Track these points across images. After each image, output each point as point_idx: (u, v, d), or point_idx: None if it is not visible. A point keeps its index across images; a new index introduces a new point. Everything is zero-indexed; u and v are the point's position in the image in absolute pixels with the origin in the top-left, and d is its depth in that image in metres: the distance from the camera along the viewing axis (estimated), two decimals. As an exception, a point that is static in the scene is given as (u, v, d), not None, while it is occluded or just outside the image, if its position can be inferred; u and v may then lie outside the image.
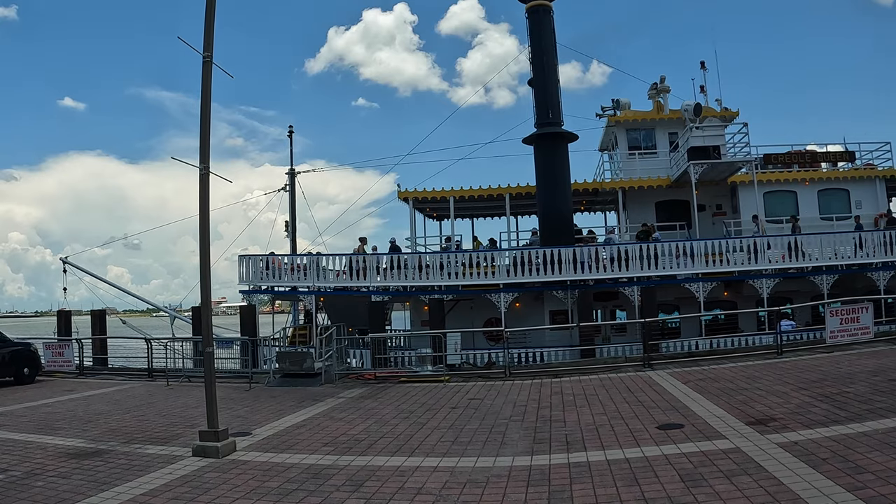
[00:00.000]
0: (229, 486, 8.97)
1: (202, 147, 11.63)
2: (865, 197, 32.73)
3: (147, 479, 9.48)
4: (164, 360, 22.58)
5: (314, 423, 13.50)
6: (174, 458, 10.76)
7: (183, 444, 11.60)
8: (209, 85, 11.62)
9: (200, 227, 11.71)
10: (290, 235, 42.22)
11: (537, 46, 31.96)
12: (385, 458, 10.21)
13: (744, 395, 13.17)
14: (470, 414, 13.57)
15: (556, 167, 30.83)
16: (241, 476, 9.50)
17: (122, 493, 8.78)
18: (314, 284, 28.62)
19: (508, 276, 27.97)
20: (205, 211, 11.71)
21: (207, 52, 11.47)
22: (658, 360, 19.67)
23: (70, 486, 9.22)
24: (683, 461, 8.92)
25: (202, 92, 11.64)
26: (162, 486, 9.07)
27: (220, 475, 9.58)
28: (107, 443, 12.06)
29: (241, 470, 9.86)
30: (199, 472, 9.83)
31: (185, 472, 9.84)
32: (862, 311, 19.15)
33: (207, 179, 11.57)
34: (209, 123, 11.76)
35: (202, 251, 11.73)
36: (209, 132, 11.73)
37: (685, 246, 27.95)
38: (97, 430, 13.28)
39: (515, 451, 10.20)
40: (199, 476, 9.58)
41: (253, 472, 9.68)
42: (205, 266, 11.84)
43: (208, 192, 11.66)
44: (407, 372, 21.09)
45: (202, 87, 11.62)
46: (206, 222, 11.76)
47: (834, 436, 9.39)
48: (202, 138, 11.66)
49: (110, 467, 10.22)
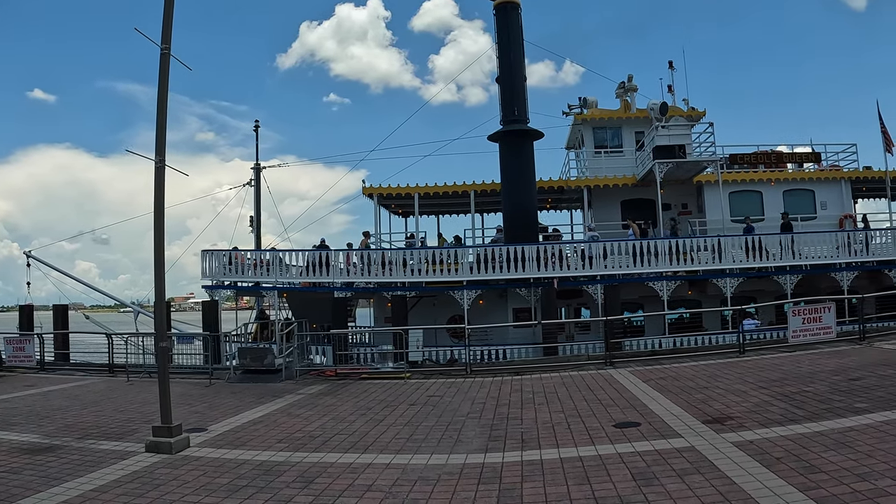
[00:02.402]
0: (179, 483, 8.86)
1: (158, 139, 11.51)
2: (831, 198, 32.99)
3: (98, 474, 9.35)
4: (125, 356, 22.30)
5: (271, 419, 13.36)
6: (127, 453, 10.60)
7: (138, 439, 11.42)
8: (166, 77, 11.52)
9: (155, 221, 11.57)
10: (255, 231, 41.76)
11: (504, 43, 31.84)
12: (338, 455, 10.08)
13: (703, 394, 13.09)
14: (428, 411, 13.44)
15: (522, 164, 30.70)
16: (191, 472, 9.37)
17: (71, 489, 8.65)
18: (277, 280, 28.34)
19: (472, 273, 27.85)
20: (159, 204, 11.58)
21: (165, 43, 11.34)
22: (620, 358, 19.58)
23: (20, 481, 9.08)
24: (637, 460, 8.79)
25: (159, 84, 11.54)
26: (112, 482, 8.95)
27: (171, 471, 9.45)
28: (61, 438, 11.87)
29: (192, 466, 9.74)
30: (150, 468, 9.71)
31: (137, 468, 9.72)
32: (825, 311, 19.12)
33: (163, 172, 11.45)
34: (165, 116, 11.65)
35: (156, 245, 11.62)
36: (165, 124, 11.62)
37: (649, 244, 27.91)
38: (53, 426, 13.06)
39: (470, 449, 10.08)
40: (149, 472, 9.44)
41: (204, 469, 9.56)
42: (159, 261, 11.72)
43: (163, 185, 11.55)
44: (368, 369, 20.84)
45: (159, 79, 11.51)
46: (161, 216, 11.63)
47: (790, 435, 9.29)
48: (158, 130, 11.54)
49: (62, 463, 10.08)
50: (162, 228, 11.64)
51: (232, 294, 31.53)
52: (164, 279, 11.78)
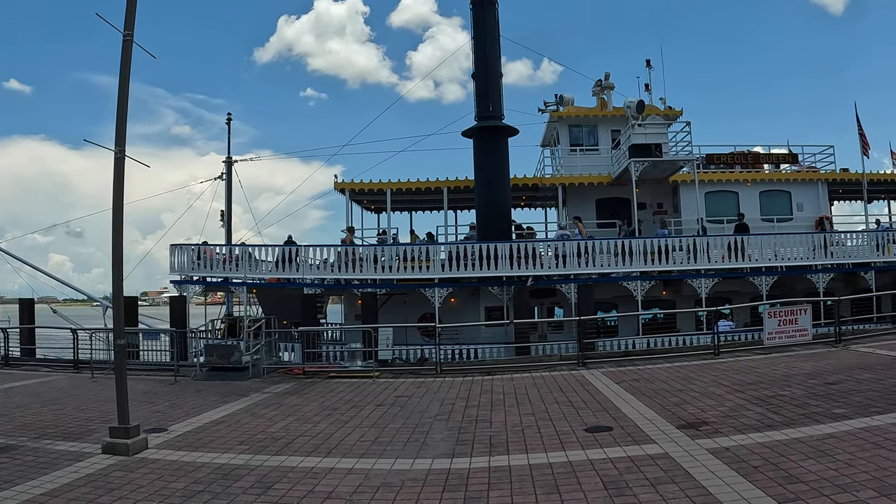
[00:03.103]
0: (133, 487, 8.53)
1: (118, 129, 11.10)
2: (807, 199, 33.08)
3: (51, 477, 9.03)
4: (89, 352, 21.91)
5: (234, 419, 13.03)
6: (83, 455, 10.27)
7: (96, 440, 11.03)
8: (129, 65, 11.16)
9: (114, 214, 11.23)
10: (226, 225, 41.33)
11: (480, 38, 31.38)
12: (300, 459, 9.76)
13: (677, 397, 12.85)
14: (395, 412, 13.13)
15: (496, 161, 30.26)
16: (147, 476, 9.03)
17: (21, 493, 8.33)
18: (246, 276, 27.87)
19: (444, 270, 27.49)
20: (118, 196, 11.21)
21: (128, 30, 10.98)
22: (593, 358, 19.34)
23: (-31, 484, 8.70)
24: (609, 467, 8.48)
25: (121, 71, 11.16)
26: (64, 486, 8.64)
27: (126, 475, 9.13)
28: (17, 438, 11.50)
29: (148, 469, 9.41)
30: (105, 470, 9.36)
31: (91, 470, 9.38)
32: (801, 313, 19.02)
33: (122, 163, 11.06)
34: (127, 105, 11.28)
35: (114, 239, 11.29)
36: (126, 114, 11.24)
37: (624, 244, 27.67)
38: (10, 425, 12.67)
39: (436, 453, 9.75)
40: (104, 475, 9.11)
41: (160, 472, 9.21)
42: (117, 254, 11.35)
43: (123, 176, 11.17)
44: (337, 367, 20.49)
45: (121, 67, 11.14)
46: (120, 208, 11.27)
47: (767, 442, 9.02)
48: (119, 119, 11.13)
49: (16, 464, 9.74)
50: (121, 221, 11.31)
51: (200, 289, 31.06)
52: (122, 274, 11.42)
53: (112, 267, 11.40)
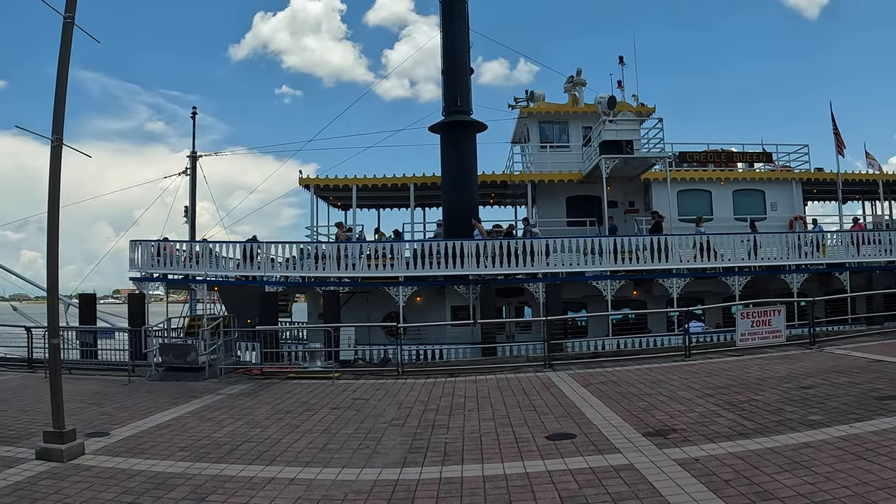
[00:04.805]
0: (59, 497, 8.05)
1: (56, 116, 10.57)
2: (781, 199, 32.91)
3: None
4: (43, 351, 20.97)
5: (180, 423, 12.43)
6: (16, 460, 9.74)
7: (33, 444, 10.38)
8: (69, 49, 10.65)
9: (49, 205, 10.63)
10: (189, 221, 40.58)
11: (449, 32, 30.85)
12: (241, 467, 9.19)
13: (645, 402, 12.32)
14: (349, 416, 12.55)
15: (463, 157, 29.70)
16: (77, 485, 8.52)
17: None
18: (207, 273, 27.13)
19: (409, 268, 26.90)
20: (55, 187, 10.65)
21: (70, 12, 10.48)
22: (561, 360, 18.89)
23: None
24: (568, 480, 7.89)
25: (60, 56, 10.62)
26: None
27: (55, 483, 8.61)
28: (-47, 442, 10.88)
29: (80, 477, 8.88)
30: (34, 478, 8.85)
31: (21, 477, 8.87)
32: (774, 314, 18.63)
33: (60, 152, 10.55)
34: (65, 90, 10.73)
35: (50, 231, 10.69)
36: (65, 100, 10.71)
37: (593, 242, 27.17)
38: (-51, 428, 12.05)
39: (385, 462, 9.18)
40: (31, 484, 8.59)
41: (92, 480, 8.70)
42: (53, 248, 10.75)
43: (59, 165, 10.63)
44: (296, 368, 19.86)
45: (60, 51, 10.60)
46: (56, 199, 10.71)
47: (739, 452, 8.46)
48: (56, 106, 10.58)
49: None
50: (56, 213, 10.71)
51: (163, 287, 30.31)
52: (57, 268, 10.83)
53: (47, 261, 10.80)
